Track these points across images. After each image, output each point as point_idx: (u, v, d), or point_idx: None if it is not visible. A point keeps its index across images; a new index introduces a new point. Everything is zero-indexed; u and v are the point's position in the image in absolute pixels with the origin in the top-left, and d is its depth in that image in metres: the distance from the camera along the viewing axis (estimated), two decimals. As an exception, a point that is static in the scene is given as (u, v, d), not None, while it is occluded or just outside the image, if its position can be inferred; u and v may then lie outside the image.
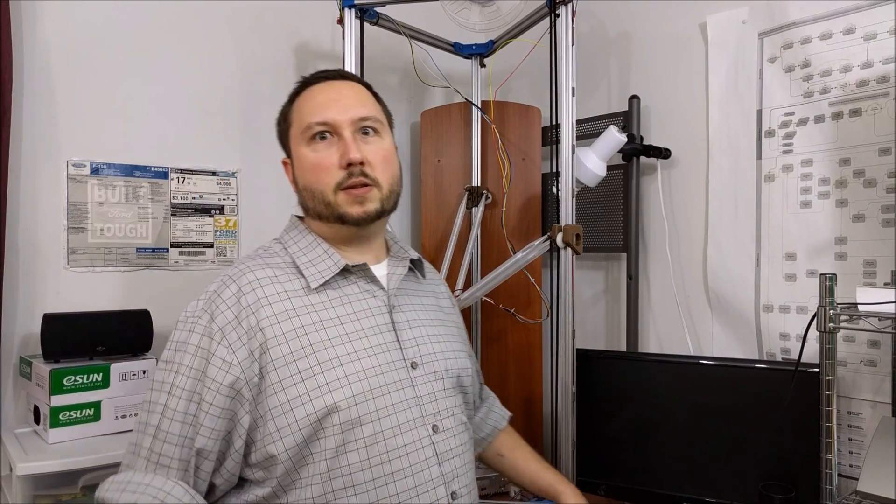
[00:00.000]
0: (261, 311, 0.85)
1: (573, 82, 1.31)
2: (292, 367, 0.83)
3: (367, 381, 0.85)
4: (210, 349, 0.82)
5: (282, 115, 0.99)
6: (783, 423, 1.27)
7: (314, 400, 0.82)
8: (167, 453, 0.80)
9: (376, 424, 0.84)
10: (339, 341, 0.87)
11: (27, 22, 1.46)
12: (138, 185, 1.61)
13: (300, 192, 0.95)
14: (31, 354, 1.42)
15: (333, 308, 0.89)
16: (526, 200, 1.84)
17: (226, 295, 0.86)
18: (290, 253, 0.94)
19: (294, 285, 0.89)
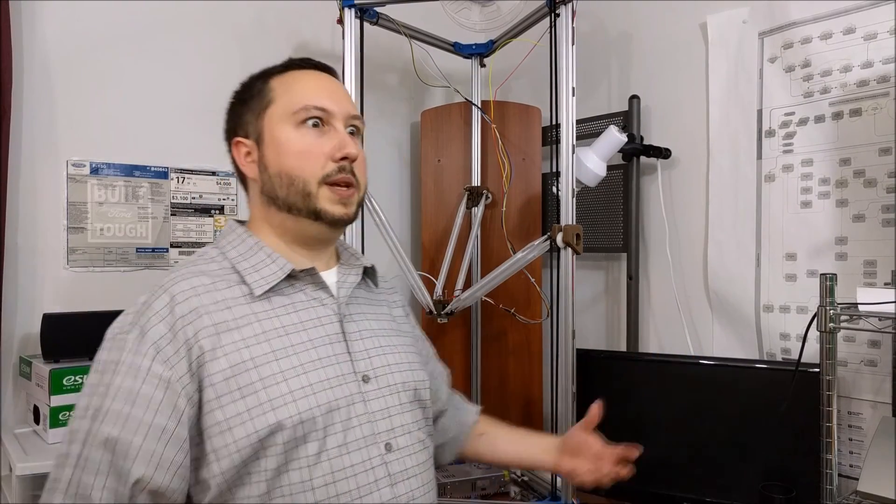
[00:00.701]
0: (198, 321, 0.77)
1: (573, 82, 1.30)
2: (232, 382, 0.75)
3: (315, 397, 0.78)
4: (140, 365, 0.73)
5: (253, 90, 0.89)
6: (783, 423, 1.27)
7: (255, 419, 0.74)
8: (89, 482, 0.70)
9: (322, 443, 0.77)
10: (284, 353, 0.79)
11: (27, 22, 1.46)
12: (138, 185, 1.61)
13: (271, 177, 0.84)
14: (31, 354, 1.42)
15: (279, 317, 0.81)
16: (526, 200, 1.84)
17: (157, 306, 0.77)
18: (228, 258, 0.85)
19: (234, 293, 0.81)
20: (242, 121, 0.88)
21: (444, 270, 1.67)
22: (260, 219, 0.89)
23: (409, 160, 2.10)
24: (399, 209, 2.08)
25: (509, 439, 1.13)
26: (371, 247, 1.53)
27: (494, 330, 1.85)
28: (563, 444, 1.08)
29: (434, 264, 1.80)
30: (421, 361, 0.98)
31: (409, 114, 2.10)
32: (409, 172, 2.11)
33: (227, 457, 0.73)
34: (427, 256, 1.87)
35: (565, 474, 1.09)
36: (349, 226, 0.94)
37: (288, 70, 0.91)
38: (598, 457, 1.08)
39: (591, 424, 1.07)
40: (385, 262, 1.91)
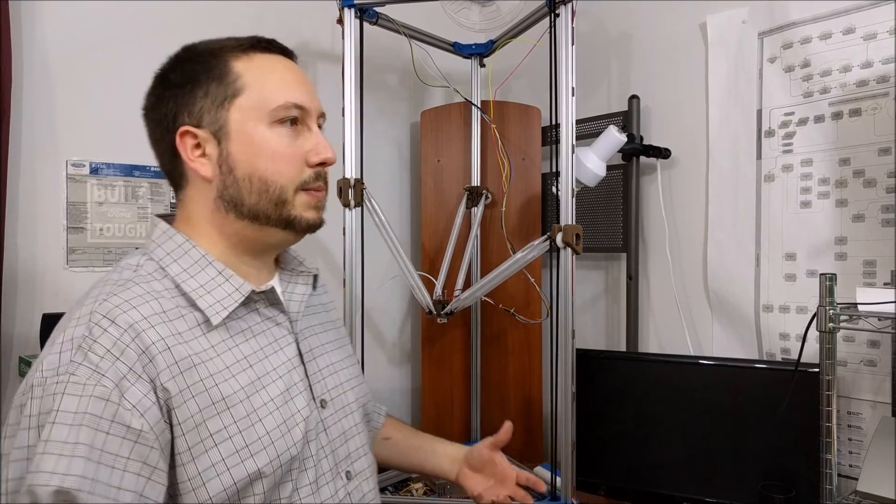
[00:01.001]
0: (158, 358, 0.64)
1: (573, 82, 1.30)
2: (203, 429, 0.64)
3: (290, 435, 0.70)
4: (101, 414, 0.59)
5: (210, 71, 0.73)
6: (783, 422, 1.27)
7: (233, 468, 0.65)
8: None
9: (294, 483, 0.71)
10: (253, 389, 0.69)
11: (27, 22, 1.46)
12: (138, 185, 1.61)
13: (237, 180, 0.72)
14: (31, 354, 1.42)
15: (238, 347, 0.71)
16: (526, 200, 1.84)
17: (107, 340, 0.62)
18: (170, 275, 0.71)
19: (188, 322, 0.68)
20: (193, 107, 0.73)
21: (443, 270, 1.67)
22: (205, 224, 0.74)
23: (409, 160, 2.10)
24: (399, 209, 2.08)
25: (414, 445, 1.05)
26: (371, 247, 1.53)
27: (494, 330, 1.85)
28: (467, 456, 1.02)
29: (434, 264, 1.80)
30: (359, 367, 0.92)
31: (409, 114, 2.10)
32: (409, 172, 2.11)
33: None
34: (427, 256, 1.87)
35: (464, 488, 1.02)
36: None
37: (251, 51, 0.75)
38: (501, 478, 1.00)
39: (499, 444, 1.00)
40: (385, 262, 1.92)
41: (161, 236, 0.74)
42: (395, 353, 2.06)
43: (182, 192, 0.76)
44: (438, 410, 1.86)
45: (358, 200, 1.47)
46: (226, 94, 0.73)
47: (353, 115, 1.48)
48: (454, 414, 1.85)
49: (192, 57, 0.75)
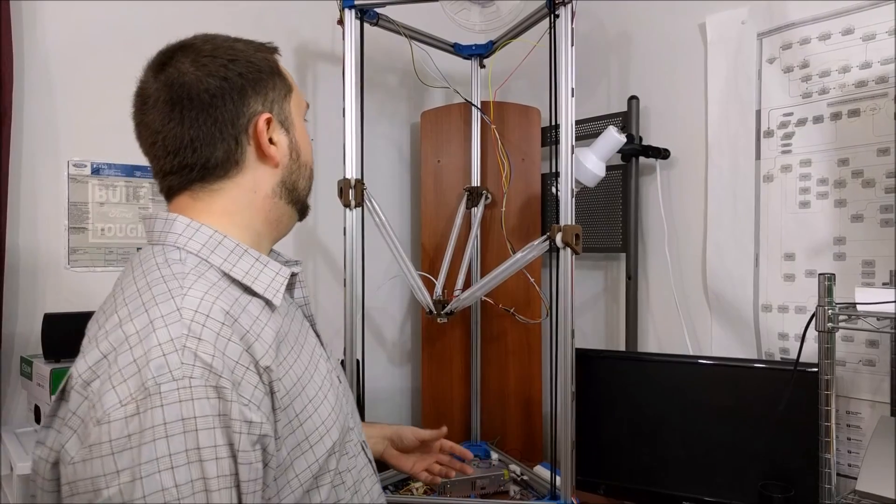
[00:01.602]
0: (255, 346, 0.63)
1: (573, 83, 1.31)
2: (290, 410, 0.65)
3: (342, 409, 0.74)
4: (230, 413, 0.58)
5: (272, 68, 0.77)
6: (782, 422, 1.27)
7: (314, 446, 0.67)
8: None
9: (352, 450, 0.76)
10: (313, 367, 0.72)
11: (27, 22, 1.46)
12: (139, 185, 1.61)
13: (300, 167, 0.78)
14: (32, 354, 1.43)
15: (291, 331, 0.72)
16: (525, 200, 1.85)
17: (208, 335, 0.60)
18: (214, 265, 0.69)
19: (255, 306, 0.68)
20: (268, 97, 0.75)
21: (443, 270, 1.68)
22: (246, 211, 0.74)
23: (409, 160, 2.11)
24: (399, 209, 2.08)
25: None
26: (371, 247, 1.53)
27: (494, 330, 1.85)
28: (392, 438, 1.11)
29: (434, 264, 1.81)
30: None
31: (409, 114, 2.11)
32: (409, 173, 2.11)
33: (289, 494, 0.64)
34: (427, 256, 1.87)
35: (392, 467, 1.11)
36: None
37: (275, 53, 0.80)
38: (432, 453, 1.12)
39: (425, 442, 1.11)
40: (385, 262, 1.92)
41: (187, 229, 0.71)
42: (395, 353, 2.06)
43: (224, 181, 0.73)
44: (438, 410, 1.86)
45: (358, 200, 1.47)
46: (286, 90, 0.77)
47: (354, 116, 1.48)
48: (454, 414, 1.86)
49: (241, 57, 0.74)
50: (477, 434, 1.84)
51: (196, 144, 0.71)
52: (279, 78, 0.77)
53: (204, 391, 0.57)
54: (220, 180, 0.73)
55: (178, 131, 0.71)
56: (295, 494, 0.65)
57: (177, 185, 0.74)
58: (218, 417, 0.57)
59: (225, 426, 0.57)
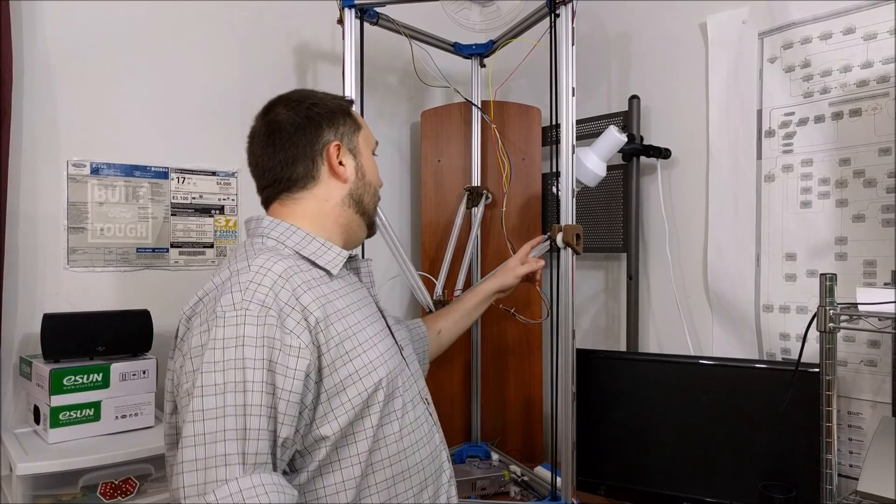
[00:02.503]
0: (304, 295, 0.85)
1: (573, 82, 1.30)
2: (340, 347, 0.85)
3: (392, 360, 0.93)
4: (274, 336, 0.79)
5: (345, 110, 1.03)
6: (783, 423, 1.27)
7: (363, 378, 0.86)
8: (263, 450, 0.76)
9: (402, 398, 0.93)
10: (367, 323, 0.93)
11: (27, 22, 1.46)
12: (138, 185, 1.61)
13: (365, 185, 1.02)
14: (31, 354, 1.42)
15: (347, 295, 0.95)
16: (526, 200, 1.84)
17: (268, 282, 0.83)
18: (289, 246, 0.94)
19: (314, 274, 0.91)
20: (337, 131, 1.00)
21: (444, 270, 1.68)
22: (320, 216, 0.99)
23: (409, 160, 2.10)
24: (399, 209, 2.08)
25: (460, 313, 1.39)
26: (371, 247, 1.53)
27: (494, 330, 1.85)
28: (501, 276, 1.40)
29: (434, 264, 1.80)
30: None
31: (409, 114, 2.11)
32: (409, 172, 2.11)
33: (343, 414, 0.83)
34: (427, 256, 1.87)
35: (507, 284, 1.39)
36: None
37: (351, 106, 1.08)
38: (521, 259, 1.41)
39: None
40: (385, 261, 1.92)
41: (270, 224, 0.96)
42: (396, 353, 2.06)
43: (303, 192, 0.99)
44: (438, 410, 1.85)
45: (358, 200, 1.47)
46: (356, 127, 1.04)
47: (354, 116, 1.48)
48: (454, 414, 1.85)
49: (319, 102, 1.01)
50: (477, 435, 1.83)
51: (283, 164, 0.98)
52: (349, 118, 1.03)
53: (255, 319, 0.78)
54: (300, 191, 0.99)
55: (272, 154, 0.98)
56: (348, 415, 0.84)
57: (271, 195, 1.00)
58: (261, 338, 0.78)
59: (268, 346, 0.78)
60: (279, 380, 0.78)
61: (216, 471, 0.72)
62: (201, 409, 0.74)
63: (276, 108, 1.00)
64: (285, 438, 0.78)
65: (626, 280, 1.67)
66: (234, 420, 0.74)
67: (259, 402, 0.76)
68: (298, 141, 0.98)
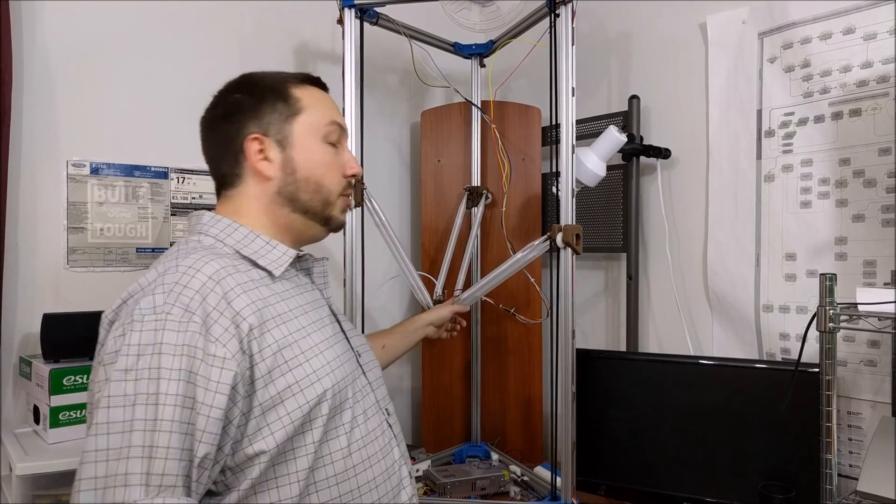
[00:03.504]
0: (237, 300, 0.77)
1: (573, 82, 1.30)
2: (279, 356, 0.78)
3: (342, 368, 0.86)
4: (196, 344, 0.72)
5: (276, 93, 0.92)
6: (783, 422, 1.27)
7: (305, 390, 0.78)
8: (171, 471, 0.68)
9: (353, 410, 0.86)
10: (313, 328, 0.86)
11: (27, 22, 1.46)
12: (138, 185, 1.61)
13: (296, 180, 0.90)
14: (31, 354, 1.42)
15: (294, 298, 0.87)
16: (526, 200, 1.84)
17: (195, 284, 0.75)
18: (229, 245, 0.86)
19: (254, 275, 0.83)
20: (262, 120, 0.90)
21: (443, 270, 1.67)
22: (255, 213, 0.90)
23: (409, 160, 2.10)
24: (399, 209, 2.08)
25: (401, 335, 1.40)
26: (371, 247, 1.53)
27: (494, 330, 1.85)
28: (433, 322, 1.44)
29: (434, 264, 1.80)
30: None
31: (409, 114, 2.11)
32: (409, 172, 2.11)
33: (280, 430, 0.76)
34: (427, 256, 1.87)
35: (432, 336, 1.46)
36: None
37: (306, 84, 0.95)
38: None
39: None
40: (385, 262, 1.92)
41: (210, 220, 0.89)
42: (396, 353, 2.06)
43: (233, 189, 0.92)
44: (438, 410, 1.86)
45: (358, 200, 1.47)
46: (290, 112, 0.91)
47: (354, 116, 1.48)
48: (454, 414, 1.85)
49: (256, 82, 0.94)
50: (477, 435, 1.84)
51: (212, 161, 0.94)
52: (283, 102, 0.91)
53: (176, 325, 0.72)
54: (232, 188, 0.92)
55: (205, 150, 0.96)
56: (286, 430, 0.76)
57: (217, 191, 0.95)
58: (182, 346, 0.71)
59: (189, 355, 0.71)
60: (199, 393, 0.71)
61: (115, 491, 0.66)
62: (106, 422, 0.68)
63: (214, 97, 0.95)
64: (203, 457, 0.70)
65: (626, 280, 1.67)
66: (143, 436, 0.67)
67: (172, 416, 0.69)
68: (220, 136, 0.92)
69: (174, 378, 0.70)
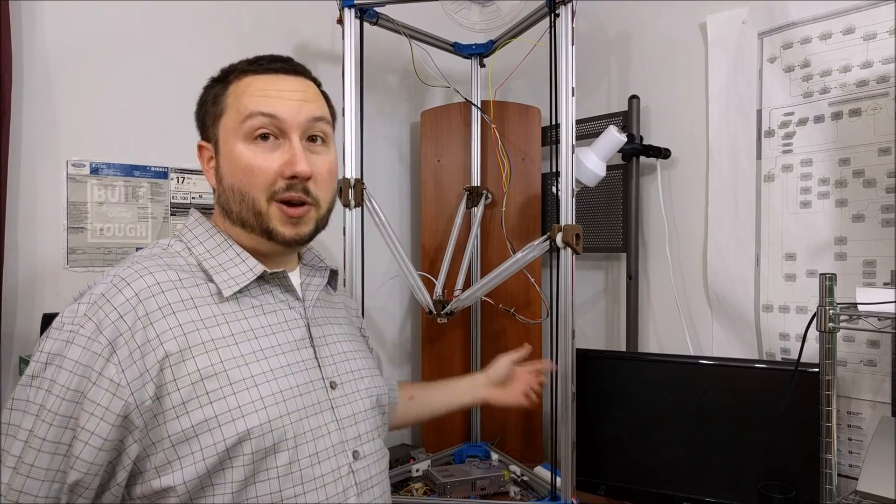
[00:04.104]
0: (161, 322, 0.72)
1: (573, 82, 1.30)
2: (199, 387, 0.71)
3: (285, 404, 0.75)
4: (93, 366, 0.68)
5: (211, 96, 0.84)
6: (783, 423, 1.27)
7: (224, 426, 0.70)
8: (30, 490, 0.66)
9: (293, 453, 0.75)
10: (254, 358, 0.76)
11: (27, 22, 1.46)
12: (138, 185, 1.61)
13: (224, 190, 0.81)
14: (31, 354, 1.42)
15: (247, 319, 0.78)
16: (526, 200, 1.84)
17: (117, 301, 0.71)
18: (195, 254, 0.80)
19: (202, 291, 0.77)
20: (203, 124, 0.85)
21: (443, 270, 1.68)
22: (220, 224, 0.84)
23: (409, 160, 2.10)
24: (399, 209, 2.08)
25: (441, 391, 1.24)
26: (371, 247, 1.53)
27: (494, 330, 1.85)
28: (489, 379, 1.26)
29: (434, 264, 1.80)
30: (377, 368, 0.98)
31: (409, 114, 2.10)
32: (409, 172, 2.11)
33: (191, 465, 0.69)
34: (427, 256, 1.87)
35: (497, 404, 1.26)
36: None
37: (246, 73, 0.83)
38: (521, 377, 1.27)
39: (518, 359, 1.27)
40: (385, 262, 1.92)
41: (193, 223, 0.84)
42: (396, 353, 2.06)
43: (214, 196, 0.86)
44: (438, 410, 1.86)
45: (358, 200, 1.47)
46: (216, 113, 0.82)
47: (354, 116, 1.48)
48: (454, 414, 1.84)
49: (209, 81, 0.86)
50: (477, 435, 1.84)
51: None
52: (213, 104, 0.83)
53: (84, 341, 0.69)
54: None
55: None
56: (197, 467, 0.69)
57: None
58: (80, 365, 0.68)
59: (82, 375, 0.68)
60: (83, 417, 0.67)
61: None
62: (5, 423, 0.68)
63: None
64: (74, 483, 0.67)
65: (626, 280, 1.67)
66: (19, 446, 0.67)
67: (45, 435, 0.67)
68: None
69: (61, 395, 0.68)
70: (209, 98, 0.84)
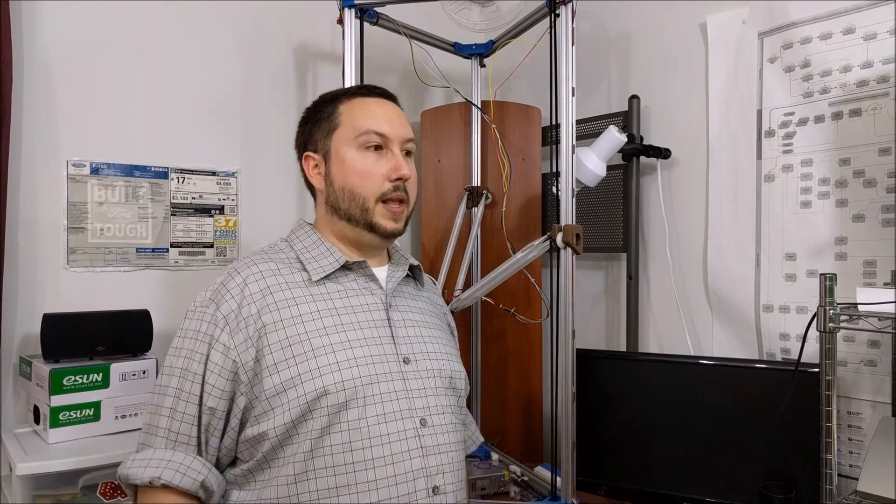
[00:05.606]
0: (261, 300, 0.91)
1: (573, 82, 1.30)
2: (287, 351, 0.89)
3: (357, 369, 0.90)
4: (213, 335, 0.89)
5: (322, 112, 1.02)
6: (783, 423, 1.27)
7: (305, 383, 0.87)
8: (184, 431, 0.88)
9: (361, 410, 0.88)
10: (334, 330, 0.92)
11: (27, 22, 1.46)
12: (138, 185, 1.61)
13: (335, 191, 0.98)
14: (31, 354, 1.42)
15: (332, 300, 0.95)
16: (526, 200, 1.84)
17: (231, 285, 0.92)
18: (295, 250, 1.00)
19: (296, 277, 0.96)
20: (312, 138, 1.02)
21: (444, 270, 1.68)
22: (323, 221, 1.02)
23: (409, 160, 2.10)
24: (399, 209, 2.07)
25: None
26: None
27: (494, 330, 1.85)
28: None
29: (434, 264, 1.80)
30: (458, 355, 1.08)
31: (410, 114, 2.09)
32: (409, 172, 2.10)
33: (281, 414, 0.86)
34: (427, 256, 1.87)
35: None
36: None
37: (355, 96, 1.02)
38: None
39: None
40: (385, 262, 1.92)
41: (296, 227, 1.05)
42: (396, 353, 2.06)
43: (314, 201, 1.05)
44: (438, 410, 1.86)
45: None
46: (330, 128, 1.00)
47: (354, 115, 1.47)
48: (454, 414, 1.85)
49: (317, 103, 1.05)
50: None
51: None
52: (326, 121, 1.01)
53: (209, 317, 0.90)
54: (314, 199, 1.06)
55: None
56: (285, 416, 0.86)
57: None
58: (206, 335, 0.90)
59: (208, 343, 0.89)
60: (209, 375, 0.88)
61: (147, 436, 0.90)
62: (158, 384, 0.91)
63: None
64: (206, 425, 0.89)
65: (626, 280, 1.67)
66: (170, 399, 0.89)
67: (191, 389, 0.89)
68: (297, 151, 1.06)
69: (195, 359, 0.89)
70: (322, 116, 1.02)
